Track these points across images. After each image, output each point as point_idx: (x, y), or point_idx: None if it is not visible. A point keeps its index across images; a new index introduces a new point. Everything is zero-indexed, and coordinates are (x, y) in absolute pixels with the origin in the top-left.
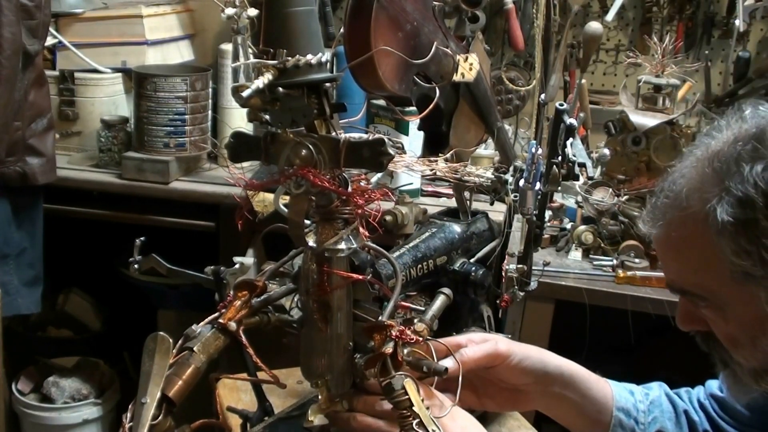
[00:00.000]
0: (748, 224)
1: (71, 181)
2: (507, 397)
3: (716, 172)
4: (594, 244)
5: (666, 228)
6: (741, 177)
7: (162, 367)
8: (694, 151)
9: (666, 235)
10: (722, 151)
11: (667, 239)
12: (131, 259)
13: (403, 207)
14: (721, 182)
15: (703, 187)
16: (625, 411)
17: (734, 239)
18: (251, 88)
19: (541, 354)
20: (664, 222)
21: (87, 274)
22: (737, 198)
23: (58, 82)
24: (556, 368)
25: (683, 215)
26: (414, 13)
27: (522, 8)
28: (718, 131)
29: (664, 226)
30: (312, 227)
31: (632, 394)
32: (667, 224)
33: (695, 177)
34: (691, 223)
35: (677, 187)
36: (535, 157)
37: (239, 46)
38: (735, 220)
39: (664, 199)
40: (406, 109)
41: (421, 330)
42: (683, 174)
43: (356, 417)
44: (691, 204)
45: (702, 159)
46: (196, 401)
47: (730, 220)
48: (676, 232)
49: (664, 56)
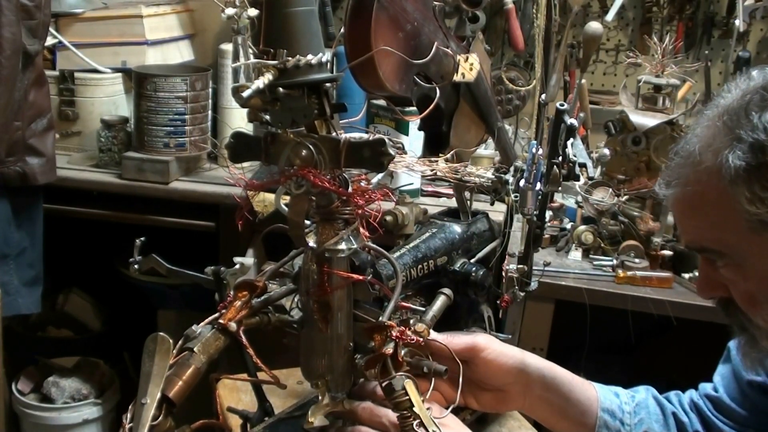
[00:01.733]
0: (761, 169)
1: (71, 181)
2: (489, 398)
3: (726, 125)
4: (594, 244)
5: (681, 186)
6: (751, 125)
7: (162, 367)
8: (706, 113)
9: (682, 194)
10: (731, 106)
11: (683, 197)
12: (131, 259)
13: (404, 207)
14: (731, 132)
15: (714, 141)
16: (610, 412)
17: (748, 186)
18: (251, 88)
19: (523, 355)
20: (679, 181)
21: (87, 274)
22: (749, 144)
23: (58, 82)
24: (536, 370)
25: (697, 171)
26: (414, 13)
27: (522, 8)
28: (727, 92)
29: (680, 185)
30: (312, 227)
31: (617, 396)
32: (683, 183)
33: (707, 134)
34: (705, 177)
35: (690, 146)
36: (535, 157)
37: (239, 46)
38: (747, 165)
39: (678, 160)
40: (407, 109)
41: (422, 330)
42: (696, 134)
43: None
44: (703, 159)
45: (712, 117)
46: (196, 401)
47: (742, 165)
48: (691, 189)
49: (664, 56)
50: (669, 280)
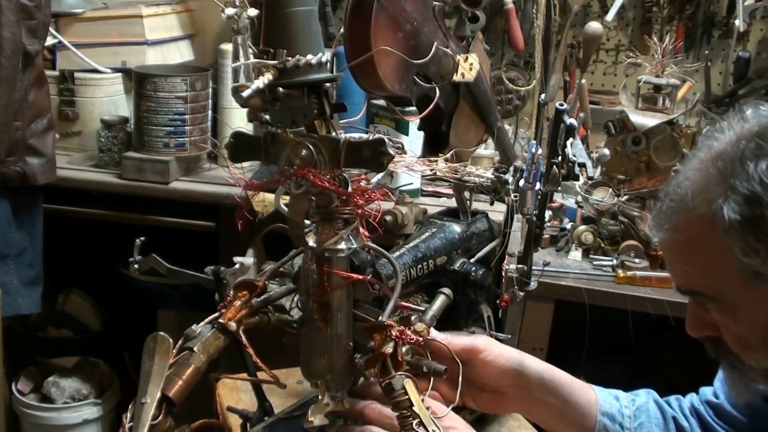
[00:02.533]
0: (756, 222)
1: (71, 181)
2: (487, 399)
3: (720, 172)
4: (594, 244)
5: (672, 231)
6: (746, 175)
7: (162, 367)
8: (697, 154)
9: (673, 239)
10: (725, 151)
11: (674, 242)
12: (131, 259)
13: (403, 207)
14: (726, 181)
15: (708, 188)
16: (610, 416)
17: (742, 237)
18: (251, 88)
19: (522, 357)
20: (671, 225)
21: (87, 274)
22: (743, 196)
23: (58, 82)
24: (535, 373)
25: (689, 217)
26: (414, 13)
27: (522, 8)
28: (719, 132)
29: (671, 229)
30: (312, 227)
31: (617, 400)
32: (674, 227)
33: (700, 178)
34: (698, 224)
35: (682, 189)
36: (535, 157)
37: (239, 46)
38: (742, 218)
39: (670, 203)
40: (406, 109)
41: (421, 330)
42: (687, 177)
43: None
44: (696, 205)
45: (705, 160)
46: (196, 401)
47: (737, 218)
48: (683, 235)
49: (664, 56)
50: (669, 281)
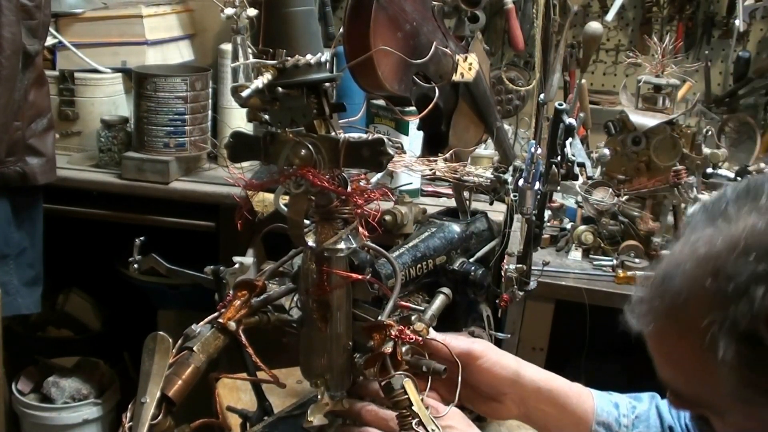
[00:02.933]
0: (756, 362)
1: (71, 181)
2: (483, 404)
3: (719, 291)
4: (594, 244)
5: (659, 334)
6: (749, 305)
7: (162, 366)
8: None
9: (659, 341)
10: (729, 263)
11: (660, 346)
12: (131, 259)
13: (403, 207)
14: (724, 305)
15: (702, 304)
16: (606, 425)
17: (738, 372)
18: (251, 88)
19: (518, 365)
20: (657, 329)
21: (87, 274)
22: (743, 333)
23: (58, 82)
24: (531, 382)
25: (678, 329)
26: (413, 13)
27: (522, 8)
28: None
29: (657, 332)
30: (311, 227)
31: (617, 407)
32: (660, 332)
33: (694, 285)
34: (689, 339)
35: (672, 287)
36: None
37: (239, 46)
38: (740, 357)
39: (656, 301)
40: (406, 109)
41: (421, 330)
42: (680, 273)
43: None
44: (688, 319)
45: (703, 261)
46: (195, 401)
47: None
48: (669, 343)
49: (664, 56)
50: None
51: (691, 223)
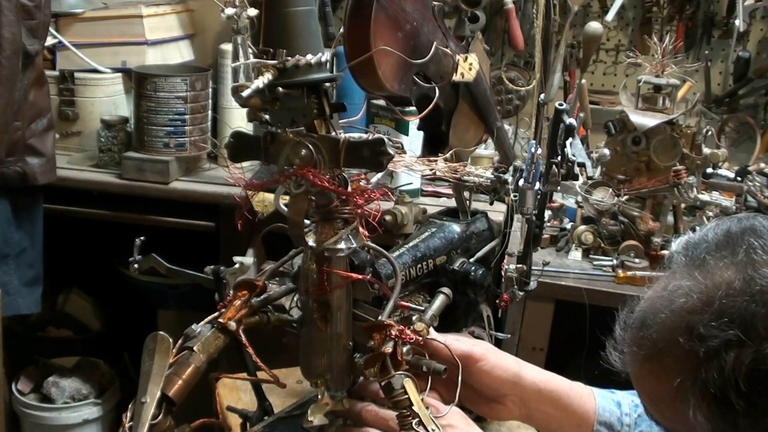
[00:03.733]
0: (726, 419)
1: (71, 181)
2: (484, 406)
3: (692, 351)
4: (594, 244)
5: (637, 375)
6: (720, 370)
7: (162, 366)
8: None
9: (638, 382)
10: (702, 323)
11: (640, 387)
12: (131, 259)
13: (403, 207)
14: (696, 366)
15: (676, 360)
16: (608, 425)
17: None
18: (251, 88)
19: (519, 367)
20: (634, 370)
21: (87, 274)
22: (714, 396)
23: (58, 82)
24: (531, 383)
25: (655, 377)
26: (414, 13)
27: (522, 8)
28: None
29: (634, 372)
30: (312, 227)
31: (619, 406)
32: (637, 374)
33: (669, 338)
34: (665, 387)
35: (649, 336)
36: (534, 157)
37: (239, 46)
38: (711, 414)
39: (634, 347)
40: (406, 109)
41: (421, 330)
42: (657, 323)
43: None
44: (663, 370)
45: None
46: (196, 401)
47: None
48: (647, 386)
49: (664, 56)
50: None
51: (672, 265)
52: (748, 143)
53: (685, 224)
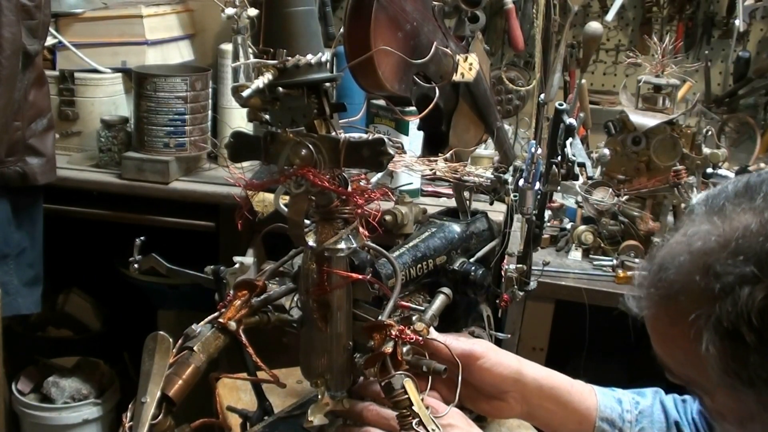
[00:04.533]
0: (737, 355)
1: (71, 181)
2: (485, 404)
3: (708, 288)
4: (594, 244)
5: (653, 319)
6: (734, 304)
7: (162, 366)
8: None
9: (652, 325)
10: (719, 261)
11: (655, 330)
12: (131, 259)
13: (403, 207)
14: (711, 301)
15: (692, 298)
16: (610, 421)
17: (722, 361)
18: (251, 88)
19: (520, 364)
20: (651, 314)
21: (87, 274)
22: (726, 330)
23: (58, 82)
24: (533, 380)
25: (670, 318)
26: (414, 13)
27: (522, 8)
28: (721, 218)
29: (651, 317)
30: (312, 227)
31: (620, 403)
32: (653, 316)
33: (686, 279)
34: (679, 327)
35: (667, 278)
36: (534, 157)
37: (239, 46)
38: (723, 350)
39: (652, 289)
40: (406, 109)
41: (421, 329)
42: (676, 265)
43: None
44: (678, 310)
45: (696, 257)
46: (196, 401)
47: (717, 349)
48: (662, 329)
49: (664, 56)
50: None
51: (692, 215)
52: (748, 143)
53: None
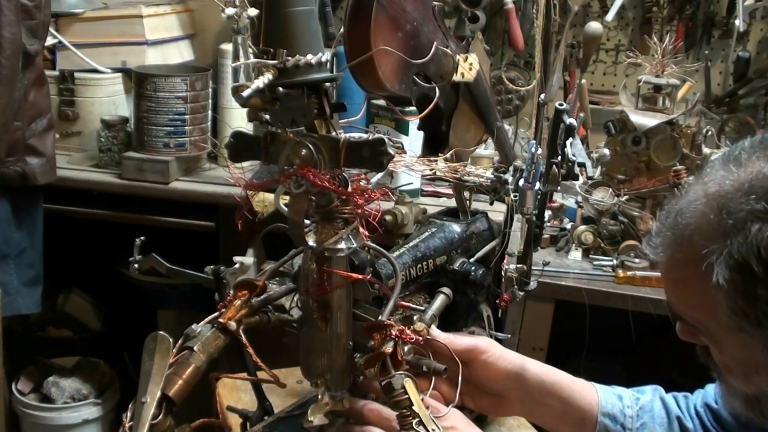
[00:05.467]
0: (746, 289)
1: (71, 181)
2: (488, 401)
3: (721, 225)
4: (594, 244)
5: (667, 263)
6: (744, 238)
7: (162, 366)
8: (707, 182)
9: (666, 269)
10: (733, 200)
11: (667, 273)
12: (131, 259)
13: (403, 207)
14: (724, 237)
15: (705, 236)
16: (611, 417)
17: (731, 297)
18: (251, 88)
19: (522, 360)
20: (666, 256)
21: (87, 274)
22: (736, 261)
23: (58, 82)
24: (535, 376)
25: (685, 258)
26: (414, 13)
27: (522, 8)
28: (736, 165)
29: (666, 260)
30: (312, 227)
31: (620, 399)
32: (669, 259)
33: (701, 220)
34: (691, 267)
35: (683, 221)
36: (534, 157)
37: (239, 46)
38: (732, 282)
39: (668, 232)
40: (406, 109)
41: (421, 329)
42: (691, 209)
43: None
44: (692, 249)
45: (711, 199)
46: (196, 401)
47: (726, 281)
48: (675, 270)
49: (664, 56)
50: None
51: (709, 168)
52: None
53: None
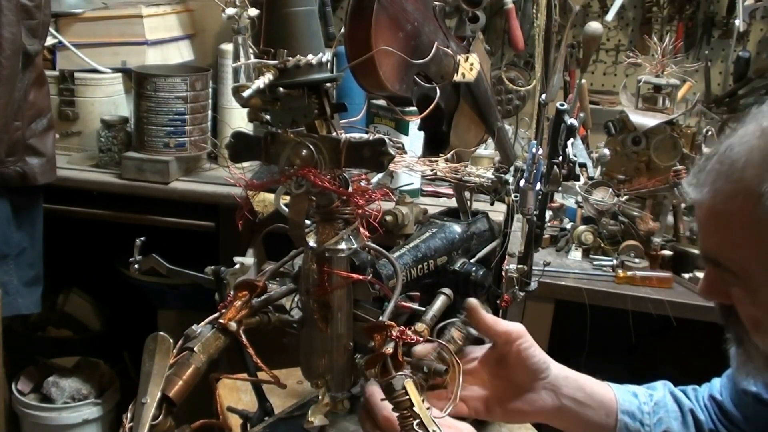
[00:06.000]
0: None
1: (71, 181)
2: (520, 401)
3: None
4: (594, 244)
5: (713, 195)
6: None
7: (162, 367)
8: (761, 120)
9: (711, 203)
10: None
11: (712, 207)
12: (131, 259)
13: (404, 207)
14: None
15: (762, 165)
16: (630, 414)
17: None
18: (252, 88)
19: (547, 357)
20: (712, 189)
21: (87, 274)
22: None
23: (58, 82)
24: (560, 369)
25: (734, 187)
26: (415, 13)
27: (522, 8)
28: None
29: (711, 193)
30: (312, 227)
31: (636, 396)
32: (715, 192)
33: (756, 150)
34: (742, 198)
35: (734, 154)
36: (535, 157)
37: (239, 46)
38: None
39: (717, 164)
40: (407, 109)
41: (422, 330)
42: (744, 141)
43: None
44: (745, 177)
45: (765, 132)
46: (196, 401)
47: None
48: (722, 204)
49: (664, 56)
50: (669, 280)
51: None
52: None
53: (685, 224)
